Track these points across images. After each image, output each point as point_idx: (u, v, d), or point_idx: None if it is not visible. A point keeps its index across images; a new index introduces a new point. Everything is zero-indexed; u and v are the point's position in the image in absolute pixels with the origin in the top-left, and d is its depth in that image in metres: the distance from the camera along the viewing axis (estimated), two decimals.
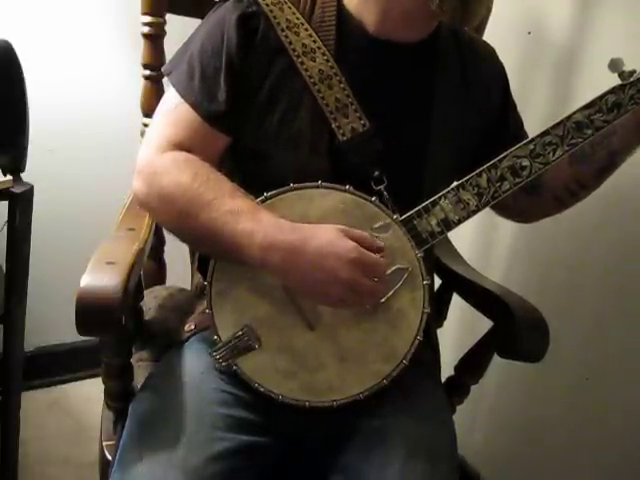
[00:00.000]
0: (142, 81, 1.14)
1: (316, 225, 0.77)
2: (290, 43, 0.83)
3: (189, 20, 1.09)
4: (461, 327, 1.39)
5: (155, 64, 1.12)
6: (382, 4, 0.84)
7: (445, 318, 1.14)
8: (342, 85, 0.84)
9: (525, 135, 0.99)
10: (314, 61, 0.83)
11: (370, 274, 0.76)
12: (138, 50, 1.13)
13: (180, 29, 0.99)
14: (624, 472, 1.13)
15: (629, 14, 1.08)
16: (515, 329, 0.91)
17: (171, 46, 1.00)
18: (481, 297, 1.00)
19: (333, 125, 0.84)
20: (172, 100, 0.86)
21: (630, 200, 1.09)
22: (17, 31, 1.26)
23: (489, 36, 1.13)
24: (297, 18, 0.85)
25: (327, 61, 0.84)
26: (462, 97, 0.92)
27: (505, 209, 1.01)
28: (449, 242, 1.16)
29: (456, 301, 1.10)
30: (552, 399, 1.27)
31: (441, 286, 1.11)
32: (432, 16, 0.83)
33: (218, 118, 0.84)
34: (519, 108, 1.02)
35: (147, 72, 1.13)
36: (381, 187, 0.83)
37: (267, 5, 0.84)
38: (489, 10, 1.14)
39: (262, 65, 0.84)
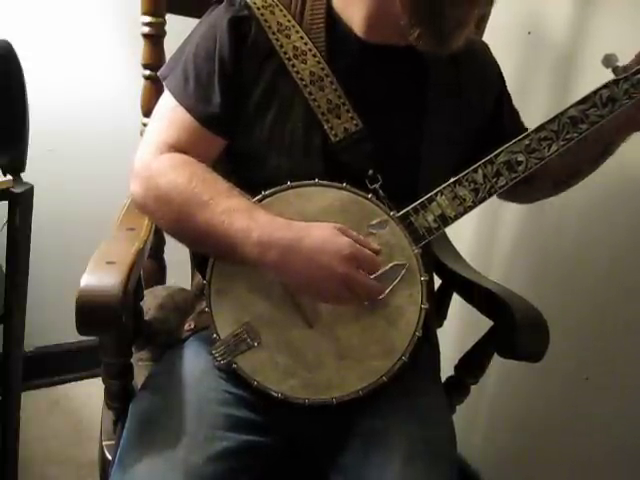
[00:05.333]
0: (142, 81, 1.14)
1: (312, 223, 0.78)
2: (281, 46, 0.84)
3: (189, 20, 1.09)
4: (461, 327, 1.39)
5: (155, 64, 1.11)
6: (367, 12, 0.84)
7: (445, 318, 1.14)
8: (334, 86, 0.84)
9: (523, 126, 1.00)
10: (305, 63, 0.84)
11: (365, 269, 0.77)
12: (138, 50, 1.13)
13: (180, 29, 0.99)
14: (624, 472, 1.13)
15: (629, 14, 1.08)
16: (515, 329, 0.90)
17: (171, 46, 1.00)
18: (481, 297, 1.00)
19: (325, 126, 0.84)
20: (168, 103, 0.86)
21: (632, 201, 1.09)
22: (17, 31, 1.26)
23: (489, 36, 1.13)
24: (288, 20, 0.85)
25: (318, 63, 0.84)
26: (456, 97, 0.92)
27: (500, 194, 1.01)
28: (449, 242, 1.16)
29: (456, 301, 1.10)
30: (552, 399, 1.27)
31: (441, 286, 1.10)
32: None
33: (213, 121, 0.84)
34: (519, 108, 1.02)
35: (147, 72, 1.13)
36: (376, 186, 0.84)
37: (258, 9, 0.84)
38: (488, 12, 1.14)
39: (254, 69, 0.84)
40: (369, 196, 0.81)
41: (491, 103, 0.98)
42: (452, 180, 0.83)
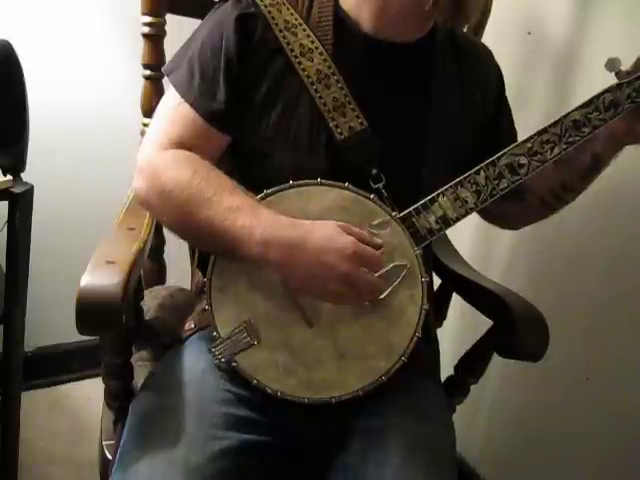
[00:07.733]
0: (142, 81, 1.15)
1: (315, 221, 0.78)
2: (288, 44, 0.84)
3: (189, 20, 1.10)
4: (461, 326, 1.39)
5: (155, 64, 1.12)
6: (377, 4, 0.84)
7: (445, 318, 1.14)
8: (340, 85, 0.84)
9: (516, 135, 0.99)
10: (312, 61, 0.84)
11: (368, 268, 0.77)
12: (138, 50, 1.13)
13: (180, 29, 0.99)
14: (624, 472, 1.13)
15: (629, 14, 1.08)
16: (515, 329, 0.91)
17: (171, 46, 1.00)
18: (481, 297, 1.00)
19: (331, 124, 0.84)
20: (172, 99, 0.86)
21: (631, 201, 1.10)
22: (17, 31, 1.26)
23: (489, 36, 1.13)
24: (295, 19, 0.85)
25: (325, 61, 0.84)
26: (459, 97, 0.93)
27: (488, 213, 1.00)
28: (449, 242, 1.16)
29: (456, 300, 1.10)
30: (552, 399, 1.27)
31: (441, 286, 1.11)
32: (427, 16, 0.84)
33: (218, 117, 0.84)
34: (519, 107, 1.02)
35: (147, 72, 1.14)
36: (379, 185, 0.84)
37: (265, 6, 0.84)
38: (488, 10, 1.14)
39: (260, 65, 0.84)
40: (371, 196, 0.81)
41: (491, 105, 0.98)
42: (454, 182, 0.83)
